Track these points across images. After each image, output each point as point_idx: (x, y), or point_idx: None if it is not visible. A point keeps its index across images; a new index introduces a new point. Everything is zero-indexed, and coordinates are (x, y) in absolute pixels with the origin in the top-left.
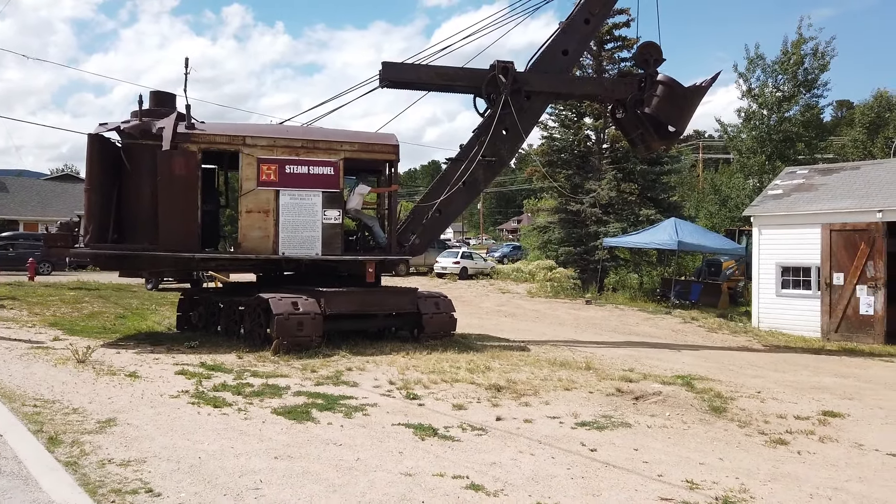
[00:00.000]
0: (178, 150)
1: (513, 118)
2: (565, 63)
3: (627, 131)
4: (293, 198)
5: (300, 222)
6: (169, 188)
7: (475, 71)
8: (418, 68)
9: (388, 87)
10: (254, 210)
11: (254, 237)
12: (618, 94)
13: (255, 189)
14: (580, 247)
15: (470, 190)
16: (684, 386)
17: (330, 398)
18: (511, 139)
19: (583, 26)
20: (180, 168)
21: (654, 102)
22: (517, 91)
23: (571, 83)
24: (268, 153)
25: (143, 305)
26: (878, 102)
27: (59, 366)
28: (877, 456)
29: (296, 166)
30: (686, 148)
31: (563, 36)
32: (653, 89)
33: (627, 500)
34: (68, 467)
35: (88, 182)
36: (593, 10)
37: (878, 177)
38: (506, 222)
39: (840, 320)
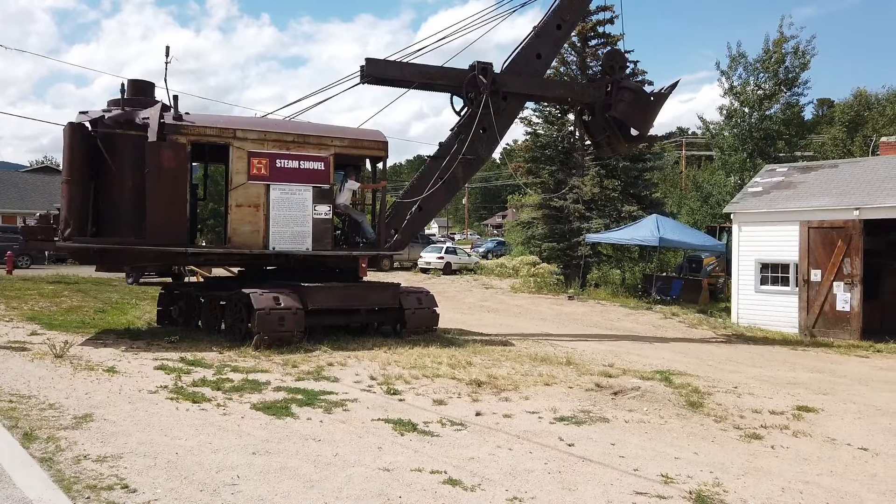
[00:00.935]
0: (167, 141)
1: (490, 118)
2: (539, 66)
3: (594, 134)
4: (284, 192)
5: (291, 217)
6: (158, 181)
7: (456, 71)
8: (401, 66)
9: (371, 83)
10: (244, 204)
11: (244, 231)
12: (587, 97)
13: (246, 183)
14: (563, 242)
15: (450, 187)
16: (662, 381)
17: (310, 394)
18: (489, 139)
19: (555, 31)
20: (169, 160)
21: (620, 107)
22: (495, 92)
23: (545, 86)
24: (258, 147)
25: (122, 300)
26: (858, 101)
27: (35, 361)
28: (848, 450)
29: (287, 161)
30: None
31: (537, 40)
32: (619, 94)
33: (603, 494)
34: (43, 463)
35: (69, 173)
36: (564, 16)
37: (856, 175)
38: (490, 217)
39: (817, 316)
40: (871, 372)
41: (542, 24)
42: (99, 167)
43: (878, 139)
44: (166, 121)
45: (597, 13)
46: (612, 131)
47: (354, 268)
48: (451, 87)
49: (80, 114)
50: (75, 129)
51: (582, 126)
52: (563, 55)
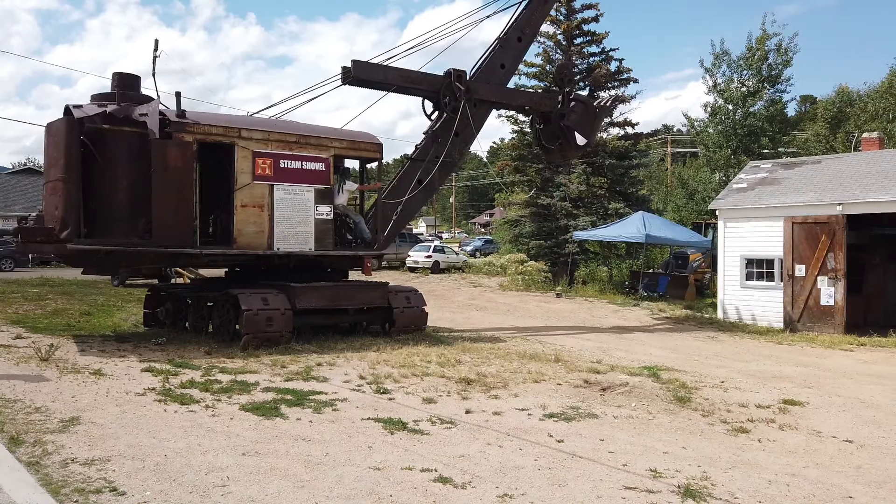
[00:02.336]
0: (173, 140)
1: (467, 123)
2: (503, 76)
3: (547, 140)
4: (287, 193)
5: (294, 217)
6: (164, 180)
7: (434, 76)
8: (386, 69)
9: (353, 85)
10: (249, 205)
11: (249, 232)
12: (543, 106)
13: (251, 183)
14: (551, 240)
15: (428, 189)
16: (650, 377)
17: (299, 394)
18: (461, 143)
19: (516, 43)
20: (176, 159)
21: (573, 117)
22: (469, 99)
23: (510, 94)
24: (263, 147)
25: (108, 302)
26: (840, 98)
27: (21, 364)
28: (834, 443)
29: (290, 161)
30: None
31: (501, 51)
32: (571, 105)
33: (592, 489)
34: (30, 467)
35: (65, 172)
36: (524, 30)
37: (839, 171)
38: (478, 216)
39: (802, 311)
40: (856, 365)
41: (505, 36)
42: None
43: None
44: (170, 118)
45: (581, 11)
46: (565, 138)
47: (342, 268)
48: (429, 91)
49: (75, 108)
50: (72, 124)
51: (536, 133)
52: (549, 53)
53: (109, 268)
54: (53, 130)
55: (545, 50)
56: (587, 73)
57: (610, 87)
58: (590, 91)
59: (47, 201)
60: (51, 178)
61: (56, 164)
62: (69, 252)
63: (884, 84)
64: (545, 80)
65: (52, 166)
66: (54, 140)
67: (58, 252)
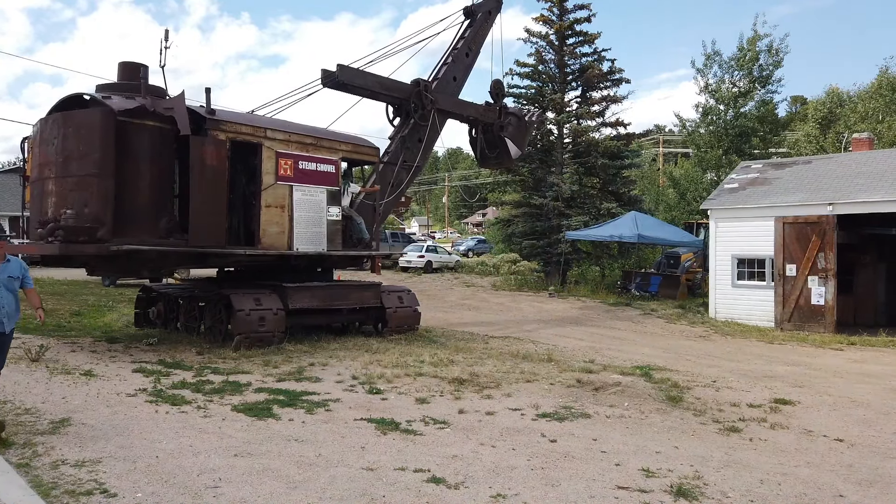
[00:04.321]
0: (209, 137)
1: (435, 130)
2: (455, 88)
3: (486, 149)
4: (305, 194)
5: (310, 218)
6: (201, 179)
7: (405, 85)
8: (366, 75)
9: (333, 87)
10: (272, 205)
11: (272, 232)
12: (488, 118)
13: (275, 184)
14: (543, 240)
15: (401, 193)
16: (642, 376)
17: (292, 394)
18: (426, 149)
19: (465, 58)
20: (212, 158)
21: (510, 129)
22: (437, 109)
23: (464, 106)
24: (284, 147)
25: (99, 302)
26: (830, 98)
27: (10, 365)
28: (824, 442)
29: (307, 162)
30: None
31: (453, 64)
32: (508, 118)
33: (586, 489)
34: (20, 469)
35: (101, 166)
36: (471, 46)
37: (830, 171)
38: (471, 216)
39: (793, 310)
40: (846, 364)
41: (455, 51)
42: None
43: (850, 135)
44: (202, 114)
45: (574, 11)
46: (503, 148)
47: (331, 268)
48: (399, 98)
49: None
50: (108, 116)
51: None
52: (542, 53)
53: (132, 270)
54: (79, 122)
55: (537, 50)
56: (579, 73)
57: (602, 87)
58: (582, 91)
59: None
60: (72, 172)
61: (84, 159)
62: (110, 253)
63: (873, 85)
64: (537, 80)
65: (72, 160)
66: (82, 132)
67: (98, 252)
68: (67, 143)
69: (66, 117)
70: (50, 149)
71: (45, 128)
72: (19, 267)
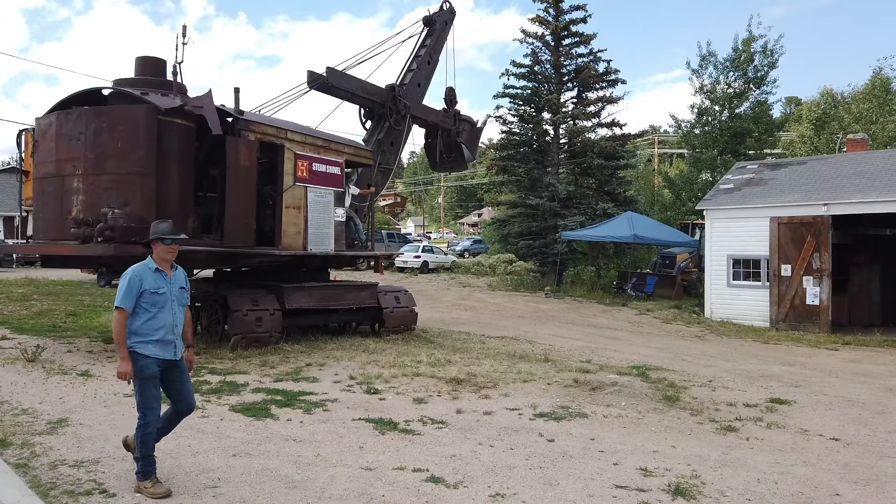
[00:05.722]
0: (242, 137)
1: (400, 134)
2: (420, 94)
3: (442, 153)
4: (317, 195)
5: (321, 219)
6: (236, 180)
7: (382, 89)
8: (351, 79)
9: (319, 90)
10: (290, 206)
11: (291, 233)
12: (446, 124)
13: (294, 185)
14: (539, 240)
15: (376, 194)
16: (639, 376)
17: (289, 394)
18: (395, 152)
19: (427, 66)
20: (245, 158)
21: (464, 135)
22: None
23: (427, 112)
24: (301, 149)
25: (94, 303)
26: (825, 99)
27: (7, 365)
28: (821, 441)
29: (319, 164)
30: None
31: (418, 71)
32: (461, 125)
33: (584, 488)
34: (18, 469)
35: (146, 164)
36: (432, 55)
37: (824, 171)
38: (467, 216)
39: (788, 310)
40: (841, 364)
41: (418, 59)
42: None
43: (845, 136)
44: (233, 114)
45: (569, 12)
46: (458, 152)
47: (326, 268)
48: (376, 102)
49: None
50: (151, 113)
51: (434, 147)
52: (538, 54)
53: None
54: (118, 118)
55: (533, 51)
56: (575, 73)
57: (598, 87)
58: (578, 92)
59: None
60: (108, 170)
61: (126, 156)
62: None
63: (867, 86)
64: (533, 81)
65: (108, 157)
66: (121, 129)
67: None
68: (102, 138)
69: (99, 112)
70: (75, 144)
71: (66, 122)
72: (184, 276)
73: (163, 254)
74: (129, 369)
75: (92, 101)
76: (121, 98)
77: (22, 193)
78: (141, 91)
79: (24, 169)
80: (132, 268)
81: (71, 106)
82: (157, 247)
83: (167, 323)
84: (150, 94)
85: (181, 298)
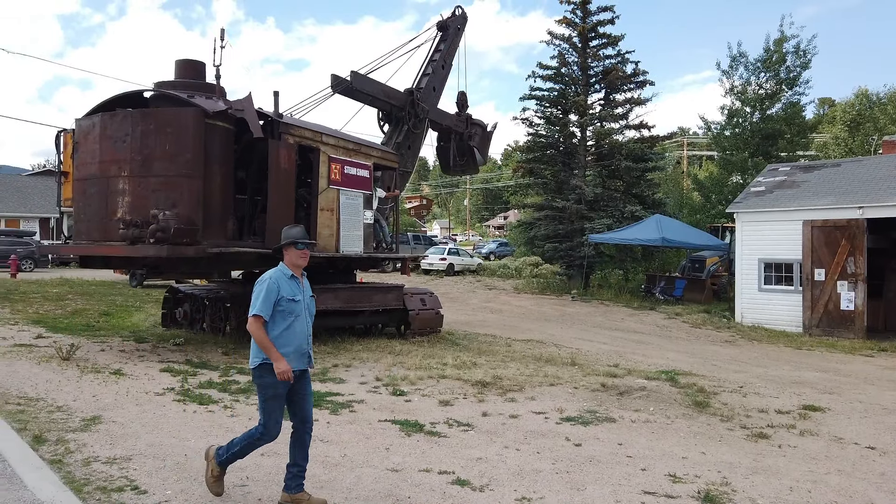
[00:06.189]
0: (283, 141)
1: (418, 137)
2: (435, 98)
3: (455, 157)
4: (348, 198)
5: (352, 221)
6: (277, 183)
7: (401, 93)
8: (374, 83)
9: (343, 94)
10: (324, 208)
11: (324, 235)
12: (460, 128)
13: (328, 188)
14: (566, 243)
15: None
16: (668, 381)
17: (316, 395)
18: (413, 154)
19: (441, 70)
20: (285, 161)
21: (476, 139)
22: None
23: (443, 116)
24: (334, 152)
25: (127, 303)
26: (859, 100)
27: (42, 364)
28: (856, 449)
29: (350, 167)
30: (671, 144)
31: (433, 75)
32: (473, 129)
33: (611, 493)
34: (53, 465)
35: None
36: (446, 59)
37: (859, 174)
38: (492, 218)
39: (821, 316)
40: (877, 371)
41: (433, 63)
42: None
43: (881, 138)
44: (274, 118)
45: (597, 13)
46: (470, 156)
47: (352, 270)
48: (395, 106)
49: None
50: (200, 116)
51: (447, 151)
52: (565, 56)
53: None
54: (166, 120)
55: (560, 52)
56: (603, 75)
57: (626, 89)
58: (606, 93)
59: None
60: (156, 172)
61: (174, 159)
62: (206, 255)
63: None
64: (560, 82)
65: (156, 159)
66: (169, 131)
67: (196, 255)
68: (149, 140)
69: (146, 114)
70: (120, 146)
71: (110, 124)
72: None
73: (295, 259)
74: (287, 367)
75: (133, 103)
76: (164, 100)
77: (61, 194)
78: (188, 94)
79: (63, 170)
80: (268, 274)
81: (114, 108)
82: (289, 252)
83: (302, 332)
84: (196, 96)
85: (311, 307)
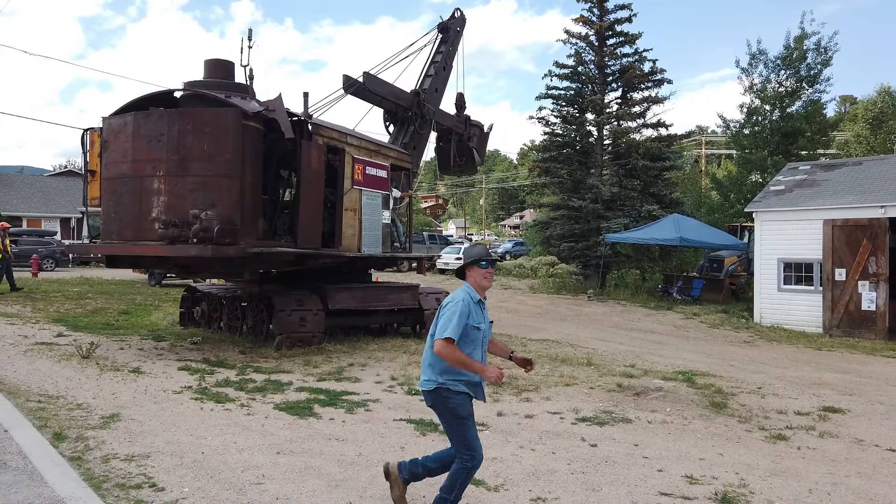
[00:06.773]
0: (314, 142)
1: (423, 137)
2: (437, 99)
3: (454, 157)
4: (369, 198)
5: (372, 221)
6: (308, 183)
7: (408, 94)
8: (384, 84)
9: (355, 95)
10: (348, 209)
11: (348, 235)
12: (459, 129)
13: (351, 188)
14: (582, 242)
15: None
16: (685, 382)
17: (332, 394)
18: (419, 154)
19: (443, 72)
20: (316, 162)
21: (475, 139)
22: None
23: (445, 116)
24: (357, 153)
25: (146, 301)
26: (882, 97)
27: (63, 362)
28: (876, 451)
29: (371, 168)
30: (689, 143)
31: (435, 77)
32: (471, 129)
33: (627, 494)
34: (73, 462)
35: (233, 167)
36: (448, 61)
37: (881, 172)
38: (508, 218)
39: (842, 316)
40: None
41: (435, 64)
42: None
43: None
44: (304, 119)
45: (614, 11)
46: (469, 156)
47: (368, 269)
48: (402, 107)
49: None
50: (238, 117)
51: (447, 151)
52: (581, 55)
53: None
54: (204, 120)
55: (577, 51)
56: (620, 73)
57: (643, 87)
58: (623, 92)
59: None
60: (193, 172)
61: (212, 159)
62: (246, 255)
63: None
64: (577, 81)
65: (193, 159)
66: (207, 131)
67: (236, 254)
68: (186, 140)
69: (183, 114)
70: (155, 145)
71: (144, 123)
72: None
73: (480, 279)
74: (497, 370)
75: (163, 103)
76: (198, 100)
77: (87, 193)
78: (225, 94)
79: (90, 168)
80: (457, 296)
81: (147, 107)
82: (473, 272)
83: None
84: (232, 97)
85: (488, 335)
